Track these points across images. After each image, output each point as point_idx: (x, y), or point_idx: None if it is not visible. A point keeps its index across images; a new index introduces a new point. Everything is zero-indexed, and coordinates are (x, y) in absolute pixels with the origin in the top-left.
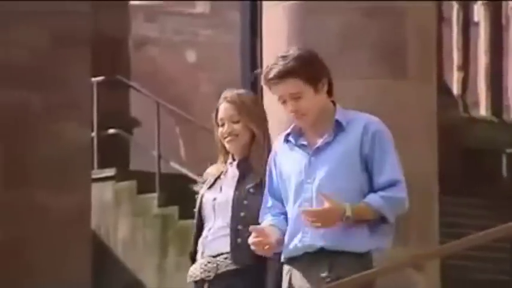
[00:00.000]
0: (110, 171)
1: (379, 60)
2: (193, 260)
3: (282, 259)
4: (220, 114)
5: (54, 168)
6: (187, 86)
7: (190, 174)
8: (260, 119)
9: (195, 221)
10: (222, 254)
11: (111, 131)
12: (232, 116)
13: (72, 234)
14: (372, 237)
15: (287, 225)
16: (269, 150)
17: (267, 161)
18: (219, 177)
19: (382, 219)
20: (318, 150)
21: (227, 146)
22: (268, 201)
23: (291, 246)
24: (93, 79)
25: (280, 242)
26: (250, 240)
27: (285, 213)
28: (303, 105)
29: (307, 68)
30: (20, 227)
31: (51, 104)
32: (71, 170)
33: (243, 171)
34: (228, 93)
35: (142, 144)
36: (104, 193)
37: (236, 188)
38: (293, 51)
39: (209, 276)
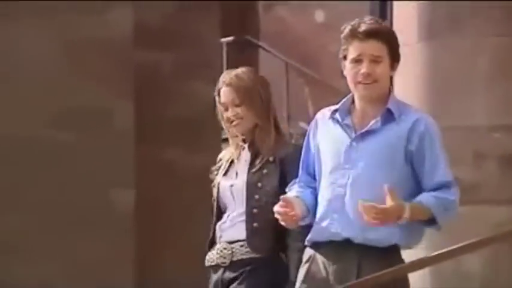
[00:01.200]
0: None
1: None
2: (210, 247)
3: (307, 241)
4: (222, 99)
5: (184, 127)
6: (316, 46)
7: None
8: (261, 99)
9: (214, 209)
10: (238, 241)
11: None
12: (233, 99)
13: (202, 193)
14: (401, 232)
15: (313, 199)
16: (277, 127)
17: (275, 142)
18: (232, 161)
19: (430, 222)
20: (362, 136)
21: (234, 130)
22: (300, 174)
23: (318, 229)
24: (223, 39)
25: (303, 216)
26: (276, 208)
27: (314, 188)
28: (379, 70)
29: (395, 41)
30: (151, 188)
31: (182, 63)
32: (201, 130)
33: (254, 153)
34: (227, 76)
35: None
36: None
37: (249, 171)
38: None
39: (224, 263)
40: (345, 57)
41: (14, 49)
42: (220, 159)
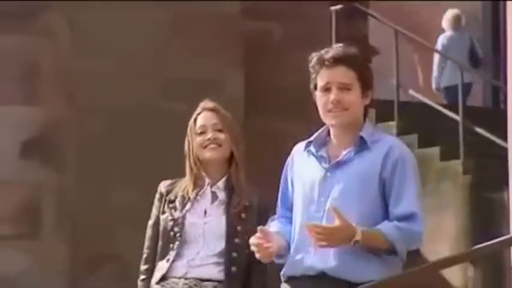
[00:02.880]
0: None
1: None
2: (145, 275)
3: (282, 276)
4: (202, 122)
5: (292, 97)
6: (426, 15)
7: (429, 102)
8: (239, 137)
9: (148, 238)
10: (211, 280)
11: None
12: (216, 124)
13: None
14: (378, 268)
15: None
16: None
17: (245, 184)
18: (195, 198)
19: (392, 251)
20: (336, 166)
21: (207, 154)
22: (279, 209)
23: (292, 263)
24: (332, 8)
25: (281, 252)
26: (252, 239)
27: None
28: (348, 98)
29: (364, 68)
30: (257, 156)
31: (291, 33)
32: (309, 100)
33: (229, 194)
34: (209, 104)
35: (381, 72)
36: None
37: (227, 213)
38: (354, 50)
39: None
40: (315, 87)
41: (130, 24)
42: (168, 192)
